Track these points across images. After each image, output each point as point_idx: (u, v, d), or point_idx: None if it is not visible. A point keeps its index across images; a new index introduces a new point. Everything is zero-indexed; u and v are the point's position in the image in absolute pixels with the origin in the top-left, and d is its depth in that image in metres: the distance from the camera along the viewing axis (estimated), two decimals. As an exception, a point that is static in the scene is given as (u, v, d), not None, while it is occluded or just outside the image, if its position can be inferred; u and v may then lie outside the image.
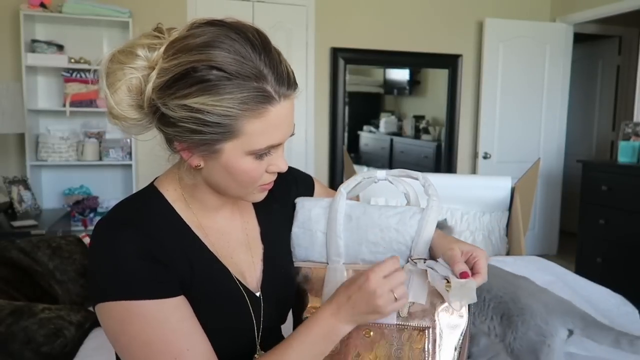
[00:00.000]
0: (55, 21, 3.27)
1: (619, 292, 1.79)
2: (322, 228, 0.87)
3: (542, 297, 1.17)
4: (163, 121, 0.68)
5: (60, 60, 3.18)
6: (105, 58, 0.69)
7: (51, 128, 3.33)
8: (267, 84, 0.65)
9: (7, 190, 2.95)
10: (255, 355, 0.78)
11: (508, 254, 2.48)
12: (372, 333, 0.78)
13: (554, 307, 1.15)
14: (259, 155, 0.69)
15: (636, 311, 1.68)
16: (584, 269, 3.47)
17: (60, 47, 3.24)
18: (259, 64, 0.65)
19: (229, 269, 0.77)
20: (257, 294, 0.80)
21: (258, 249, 0.84)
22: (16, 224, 2.68)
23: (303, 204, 0.91)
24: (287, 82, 0.67)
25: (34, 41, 3.17)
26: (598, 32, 4.71)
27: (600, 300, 1.70)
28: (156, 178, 0.80)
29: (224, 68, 0.63)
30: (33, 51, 3.14)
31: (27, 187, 3.04)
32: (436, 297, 0.78)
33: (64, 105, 3.22)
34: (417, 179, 0.86)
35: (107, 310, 0.67)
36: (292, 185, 0.94)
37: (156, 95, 0.66)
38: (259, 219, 0.87)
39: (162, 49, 0.67)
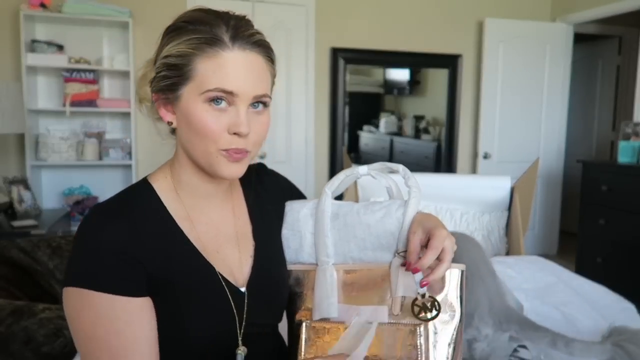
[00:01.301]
0: (55, 21, 3.27)
1: (619, 291, 1.79)
2: (310, 229, 0.87)
3: (493, 302, 1.21)
4: (150, 83, 0.77)
5: (60, 60, 3.18)
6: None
7: (51, 128, 3.33)
8: (221, 32, 0.72)
9: (7, 190, 2.95)
10: (238, 350, 0.78)
11: (507, 254, 2.48)
12: None
13: (496, 312, 1.18)
14: (213, 100, 0.72)
15: (634, 307, 1.69)
16: (584, 269, 3.47)
17: (60, 47, 3.24)
18: (215, 19, 0.73)
19: (213, 263, 0.78)
20: (242, 290, 0.80)
21: (248, 245, 0.85)
22: (16, 224, 2.68)
23: (292, 206, 0.91)
24: (249, 40, 0.73)
25: (34, 41, 3.17)
26: (598, 32, 4.71)
27: (599, 298, 1.70)
28: (151, 173, 0.83)
29: (186, 20, 0.74)
30: (33, 51, 3.14)
31: (27, 187, 3.04)
32: (428, 291, 0.78)
33: (64, 105, 3.22)
34: (397, 171, 0.86)
35: (68, 295, 0.70)
36: (287, 192, 0.96)
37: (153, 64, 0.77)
38: (251, 217, 0.88)
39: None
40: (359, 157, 4.75)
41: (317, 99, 3.94)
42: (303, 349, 0.81)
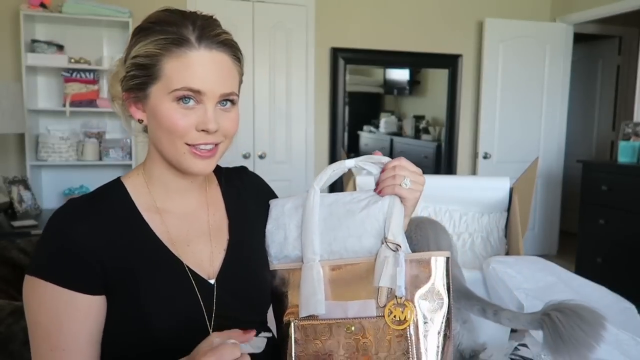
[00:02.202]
0: (55, 21, 3.27)
1: (619, 292, 1.79)
2: (295, 222, 0.87)
3: None
4: (121, 83, 0.78)
5: (60, 60, 3.18)
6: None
7: (51, 128, 3.33)
8: (188, 32, 0.74)
9: (7, 190, 2.95)
10: None
11: (507, 254, 2.48)
12: (353, 328, 0.78)
13: None
14: (181, 99, 0.74)
15: (634, 307, 1.69)
16: (584, 269, 3.47)
17: (60, 47, 3.24)
18: (181, 19, 0.75)
19: (180, 256, 0.79)
20: (211, 282, 0.81)
21: (222, 240, 0.86)
22: (16, 224, 2.68)
23: (276, 202, 0.93)
24: (215, 40, 0.75)
25: (34, 41, 3.17)
26: (598, 32, 4.71)
27: (599, 298, 1.70)
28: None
29: (155, 21, 0.76)
30: (33, 51, 3.14)
31: (27, 187, 3.05)
32: (413, 284, 0.78)
33: (64, 105, 3.22)
34: (384, 164, 0.86)
35: (25, 283, 0.73)
36: (267, 194, 0.98)
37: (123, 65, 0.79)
38: (228, 213, 0.89)
39: None
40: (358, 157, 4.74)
41: (317, 99, 3.93)
42: (293, 350, 0.81)
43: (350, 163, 0.88)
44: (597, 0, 3.90)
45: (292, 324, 0.82)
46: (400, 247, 0.79)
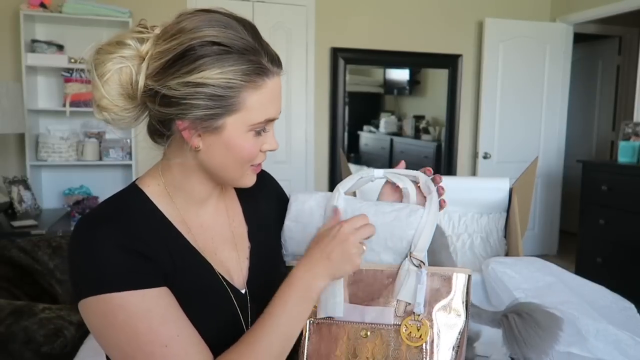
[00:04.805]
0: (55, 21, 3.27)
1: (619, 291, 1.79)
2: (315, 223, 0.86)
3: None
4: (163, 102, 0.68)
5: (60, 60, 3.18)
6: (91, 51, 0.70)
7: (51, 128, 3.33)
8: (262, 58, 0.69)
9: (7, 190, 2.95)
10: None
11: (507, 255, 2.48)
12: (368, 333, 0.78)
13: None
14: (257, 131, 0.72)
15: (633, 307, 1.69)
16: (584, 269, 3.48)
17: (60, 47, 3.24)
18: (252, 42, 0.68)
19: (213, 265, 0.77)
20: (243, 291, 0.80)
21: (244, 246, 0.84)
22: (16, 224, 2.68)
23: (297, 197, 0.90)
24: (277, 61, 0.72)
25: (34, 41, 3.17)
26: (598, 32, 4.71)
27: (598, 298, 1.70)
28: (137, 178, 0.80)
29: (222, 42, 0.66)
30: (33, 51, 3.14)
31: (27, 187, 3.05)
32: (434, 297, 0.78)
33: (64, 105, 3.22)
34: (416, 178, 0.85)
35: (89, 307, 0.66)
36: (277, 192, 0.97)
37: (153, 79, 0.68)
38: (246, 217, 0.87)
39: (152, 39, 0.69)
40: (359, 157, 4.74)
41: (317, 99, 3.94)
42: (306, 348, 0.81)
43: (379, 173, 0.88)
44: (597, 0, 3.90)
45: (308, 322, 0.81)
46: (424, 264, 0.78)
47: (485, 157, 4.21)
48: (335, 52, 3.90)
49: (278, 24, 3.73)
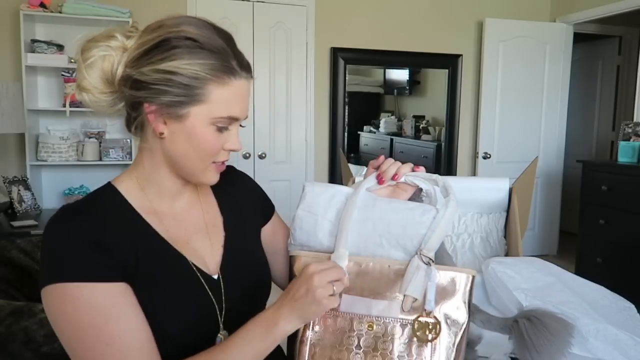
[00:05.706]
0: (55, 21, 3.27)
1: (619, 292, 1.79)
2: (329, 217, 0.86)
3: None
4: (135, 86, 0.73)
5: (60, 60, 3.18)
6: (83, 37, 0.78)
7: (51, 128, 3.33)
8: (231, 59, 0.74)
9: (7, 190, 2.95)
10: (219, 334, 0.80)
11: (506, 255, 2.48)
12: (375, 326, 0.79)
13: None
14: (220, 127, 0.76)
15: (633, 307, 1.69)
16: (584, 269, 3.48)
17: (60, 47, 3.24)
18: (224, 45, 0.75)
19: (184, 253, 0.80)
20: (215, 276, 0.83)
21: (219, 236, 0.88)
22: (16, 224, 2.69)
23: (313, 188, 0.90)
24: (247, 66, 0.77)
25: (34, 41, 3.17)
26: (598, 32, 4.71)
27: (598, 298, 1.70)
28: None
29: (196, 39, 0.73)
30: (33, 51, 3.14)
31: (27, 187, 3.05)
32: (439, 295, 0.79)
33: (64, 105, 3.22)
34: (435, 181, 0.86)
35: (46, 294, 0.69)
36: (255, 190, 1.00)
37: (130, 66, 0.74)
38: (221, 209, 0.91)
39: (137, 35, 0.76)
40: (359, 157, 4.74)
41: (317, 99, 3.94)
42: (309, 339, 0.80)
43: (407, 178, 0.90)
44: (597, 0, 3.91)
45: None
46: (433, 261, 0.79)
47: (485, 157, 4.21)
48: (335, 52, 3.90)
49: (278, 24, 3.74)
